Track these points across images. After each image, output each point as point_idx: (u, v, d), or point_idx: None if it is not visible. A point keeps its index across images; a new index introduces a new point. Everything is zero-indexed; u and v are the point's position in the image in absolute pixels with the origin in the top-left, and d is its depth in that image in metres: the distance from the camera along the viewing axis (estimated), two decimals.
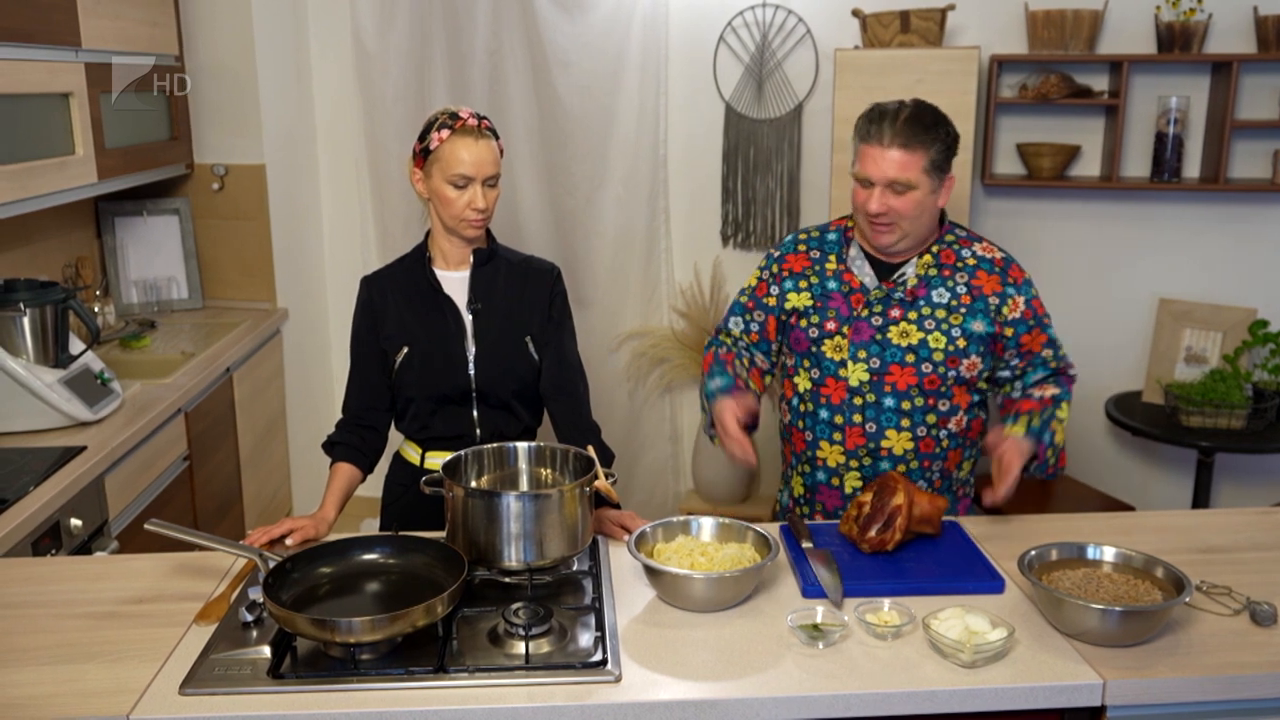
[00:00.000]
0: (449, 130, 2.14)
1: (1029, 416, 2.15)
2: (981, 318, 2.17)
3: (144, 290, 3.85)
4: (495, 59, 3.97)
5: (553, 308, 2.28)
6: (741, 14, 3.92)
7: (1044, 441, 2.12)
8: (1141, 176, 3.84)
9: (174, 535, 1.77)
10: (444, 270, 2.24)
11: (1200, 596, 1.79)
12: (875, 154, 2.09)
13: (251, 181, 3.85)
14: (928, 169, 2.10)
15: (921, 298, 2.18)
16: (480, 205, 2.15)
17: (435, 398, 2.21)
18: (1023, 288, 2.21)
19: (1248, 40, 3.72)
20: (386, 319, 2.23)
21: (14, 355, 2.62)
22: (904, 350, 2.16)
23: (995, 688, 1.55)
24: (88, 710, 1.48)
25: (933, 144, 2.10)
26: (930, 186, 2.11)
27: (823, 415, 2.22)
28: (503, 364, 2.22)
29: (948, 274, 2.19)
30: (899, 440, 2.19)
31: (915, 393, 2.17)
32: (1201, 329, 3.85)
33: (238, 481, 3.53)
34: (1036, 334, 2.21)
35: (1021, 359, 2.21)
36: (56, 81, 2.84)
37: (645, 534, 1.89)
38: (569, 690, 1.54)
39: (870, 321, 2.18)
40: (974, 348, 2.17)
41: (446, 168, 2.14)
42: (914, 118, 2.10)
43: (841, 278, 2.23)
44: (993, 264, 2.21)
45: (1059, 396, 2.19)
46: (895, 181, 2.08)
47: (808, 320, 2.24)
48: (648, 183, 4.06)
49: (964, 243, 2.24)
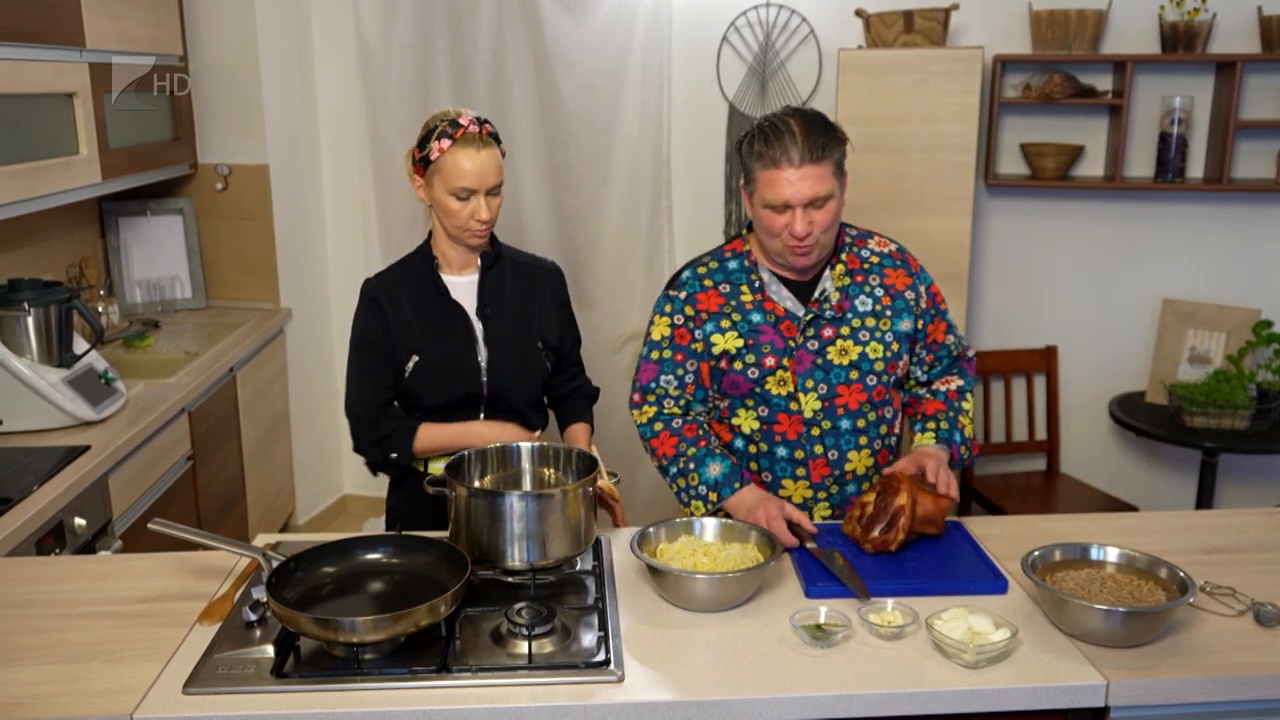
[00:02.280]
0: (449, 140, 2.09)
1: (935, 421, 2.17)
2: (906, 315, 2.14)
3: (148, 290, 3.86)
4: (498, 59, 3.97)
5: (563, 310, 2.29)
6: (745, 14, 3.92)
7: (955, 442, 2.14)
8: (1145, 177, 3.83)
9: (177, 535, 1.77)
10: (450, 275, 2.21)
11: (1204, 597, 1.79)
12: (787, 176, 1.96)
13: (255, 181, 3.85)
14: (835, 174, 2.01)
15: (848, 310, 2.11)
16: (484, 217, 2.11)
17: (445, 406, 2.18)
18: (922, 275, 2.19)
19: (1252, 40, 3.72)
20: (396, 324, 2.18)
21: (18, 355, 2.63)
22: (847, 368, 2.09)
23: (998, 688, 1.55)
24: (91, 709, 1.48)
25: (835, 149, 2.00)
26: (839, 191, 2.03)
27: (780, 453, 2.12)
28: (515, 370, 2.20)
29: (860, 279, 2.13)
30: (860, 460, 2.14)
31: (868, 408, 2.12)
32: (1205, 329, 3.85)
33: (241, 481, 3.53)
34: (938, 322, 2.20)
35: (928, 350, 2.20)
36: (61, 81, 2.85)
37: (648, 534, 1.89)
38: (572, 690, 1.54)
39: (807, 348, 2.09)
40: (904, 347, 2.15)
41: (448, 180, 2.09)
42: (810, 128, 1.98)
43: (763, 308, 2.10)
44: (892, 257, 2.17)
45: (962, 388, 2.21)
46: (816, 198, 1.98)
47: (742, 362, 2.09)
48: (651, 182, 4.06)
49: (859, 242, 2.18)
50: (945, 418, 2.17)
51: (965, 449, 2.17)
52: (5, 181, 2.56)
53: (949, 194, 3.62)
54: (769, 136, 1.99)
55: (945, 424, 2.16)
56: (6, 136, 2.60)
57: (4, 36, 2.56)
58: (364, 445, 2.21)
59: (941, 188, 3.62)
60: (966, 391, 2.22)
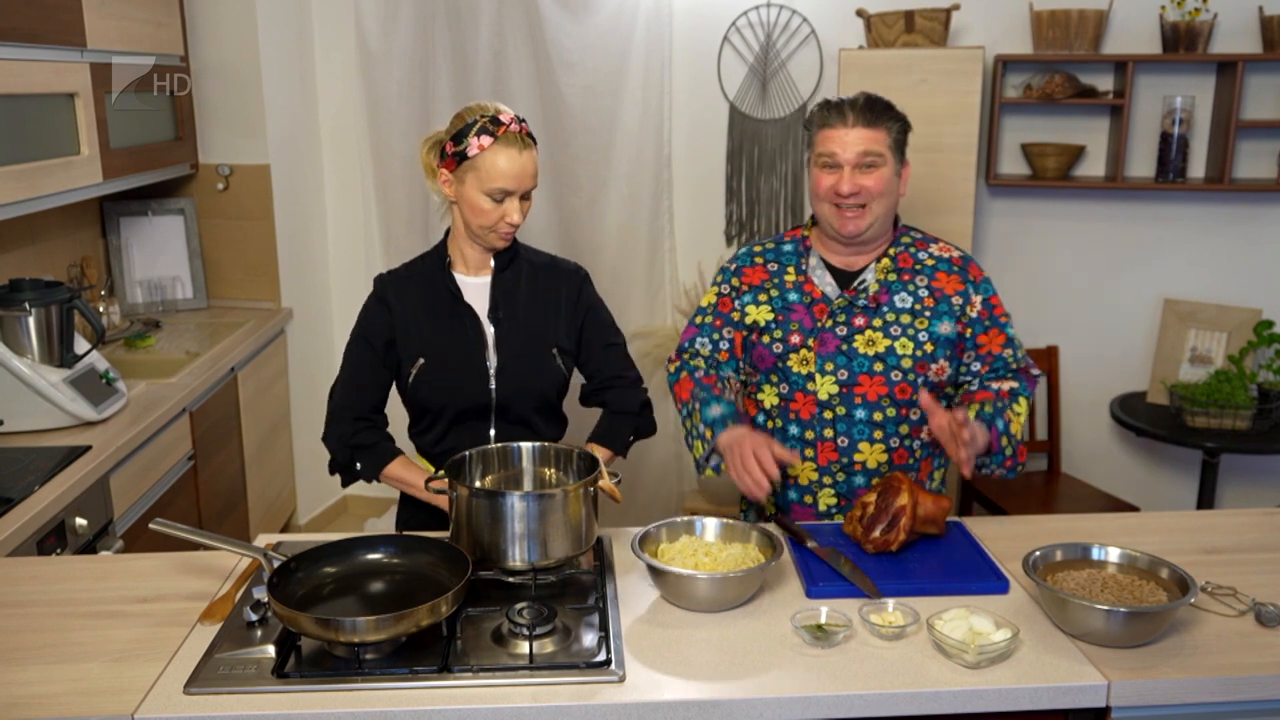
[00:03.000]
0: (490, 138, 2.00)
1: (980, 405, 2.10)
2: (947, 319, 2.13)
3: (149, 290, 3.86)
4: (499, 59, 3.97)
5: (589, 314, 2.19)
6: (746, 14, 3.92)
7: (997, 428, 2.06)
8: (1146, 177, 3.83)
9: (179, 534, 1.77)
10: (464, 275, 2.15)
11: (1205, 597, 1.79)
12: (839, 134, 2.09)
13: (256, 181, 3.85)
14: (891, 146, 2.11)
15: (885, 304, 2.13)
16: (515, 220, 2.04)
17: (453, 411, 2.12)
18: (981, 286, 2.17)
19: (1253, 40, 3.72)
20: (404, 325, 2.13)
21: (19, 355, 2.63)
22: (871, 359, 2.11)
23: (999, 688, 1.55)
24: (92, 709, 1.48)
25: (893, 122, 2.11)
26: (894, 166, 2.12)
27: (792, 431, 2.16)
28: (525, 378, 2.14)
29: (907, 278, 2.15)
30: (872, 453, 2.14)
31: (886, 403, 2.12)
32: (1206, 329, 3.84)
33: (242, 481, 3.53)
34: (994, 334, 2.17)
35: (981, 362, 2.17)
36: (62, 82, 2.85)
37: (649, 534, 1.89)
38: (573, 690, 1.54)
39: (835, 332, 2.12)
40: (941, 351, 2.13)
41: (485, 179, 2.01)
42: (871, 101, 2.12)
43: (802, 289, 2.17)
44: (951, 263, 2.18)
45: (1017, 391, 2.16)
46: (866, 153, 2.07)
47: (770, 335, 2.17)
48: (651, 182, 4.06)
49: (920, 245, 2.20)
50: (991, 404, 2.11)
51: (1008, 444, 2.08)
52: (6, 181, 2.56)
53: (950, 194, 3.62)
54: (830, 104, 2.14)
55: (990, 409, 2.09)
56: (8, 136, 2.61)
57: (5, 36, 2.56)
58: (333, 440, 2.14)
59: (942, 188, 3.62)
60: (1021, 395, 2.15)
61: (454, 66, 3.99)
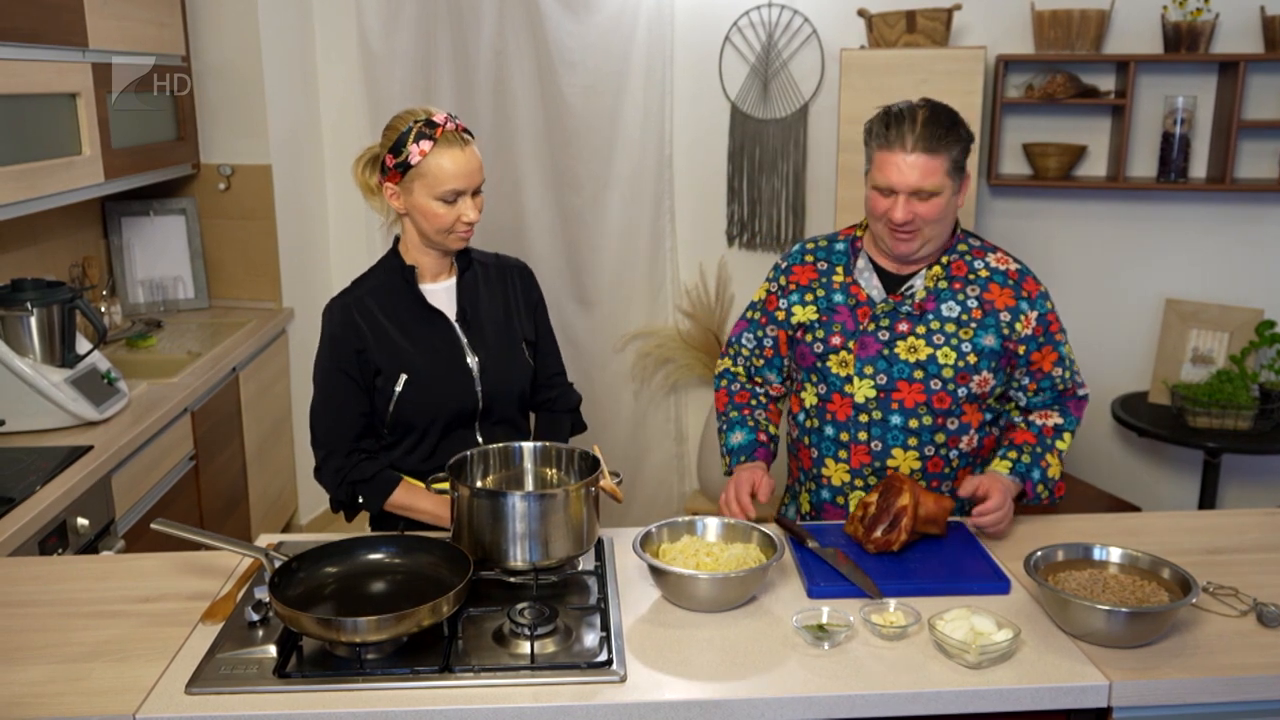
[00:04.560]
0: (430, 141, 1.97)
1: (1019, 452, 2.11)
2: (993, 332, 2.08)
3: (150, 290, 3.86)
4: (501, 59, 3.97)
5: (539, 309, 2.23)
6: (747, 14, 3.92)
7: (1031, 480, 2.08)
8: (1148, 177, 3.83)
9: (180, 534, 1.77)
10: (425, 284, 2.11)
11: (1207, 598, 1.79)
12: (897, 161, 1.98)
13: (257, 181, 3.86)
14: (950, 171, 2.00)
15: (930, 311, 2.09)
16: (472, 218, 2.02)
17: (441, 422, 2.10)
18: (1037, 302, 2.12)
19: (1255, 40, 3.72)
20: (379, 345, 2.06)
21: (21, 355, 2.63)
22: (912, 366, 2.07)
23: (1001, 689, 1.55)
24: (94, 709, 1.48)
25: (954, 145, 2.00)
26: (953, 189, 2.03)
27: (828, 432, 2.15)
28: (506, 374, 2.13)
29: (958, 286, 2.10)
30: (905, 459, 2.12)
31: (924, 411, 2.08)
32: (1208, 329, 3.84)
33: (244, 481, 3.53)
34: (1048, 352, 2.12)
35: (1031, 379, 2.14)
36: (63, 81, 2.85)
37: (650, 534, 1.89)
38: (574, 690, 1.54)
39: (877, 336, 2.10)
40: (985, 363, 2.08)
41: (434, 184, 1.99)
42: (932, 119, 2.00)
43: (848, 290, 2.15)
44: (1006, 276, 2.12)
45: (1061, 426, 2.14)
46: (920, 189, 1.98)
47: (813, 335, 2.15)
48: (653, 182, 4.06)
49: (977, 253, 2.14)
50: (1030, 451, 2.10)
51: (1045, 489, 2.09)
52: (8, 181, 2.56)
53: None
54: (890, 120, 2.02)
55: (1028, 457, 2.09)
56: (9, 136, 2.61)
57: (7, 36, 2.56)
58: (330, 477, 2.09)
59: None
60: (1065, 431, 2.14)
61: (455, 66, 3.99)
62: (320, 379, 2.11)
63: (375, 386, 2.09)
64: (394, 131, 2.02)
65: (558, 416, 2.30)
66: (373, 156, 2.09)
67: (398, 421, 2.10)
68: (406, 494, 2.10)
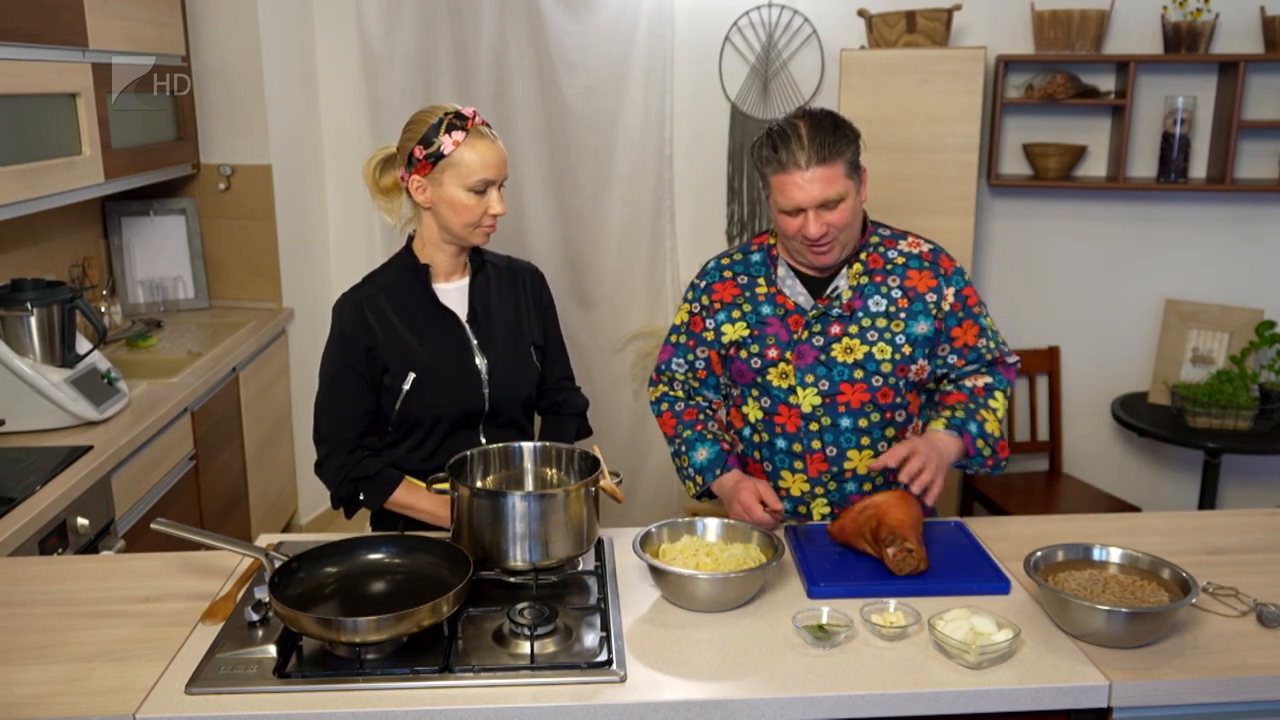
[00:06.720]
0: (462, 132, 1.99)
1: (951, 410, 2.09)
2: (923, 318, 2.09)
3: (150, 290, 3.86)
4: (501, 60, 3.97)
5: (549, 313, 2.23)
6: (747, 14, 3.92)
7: (969, 432, 2.05)
8: (1148, 177, 3.83)
9: (180, 534, 1.78)
10: (438, 283, 2.11)
11: (1207, 598, 1.79)
12: (795, 180, 1.97)
13: (257, 181, 3.86)
14: (848, 174, 1.99)
15: (859, 309, 2.09)
16: (499, 210, 2.03)
17: (446, 422, 2.09)
18: (953, 278, 2.12)
19: (1255, 40, 3.72)
20: (389, 343, 2.06)
21: (21, 355, 2.63)
22: (851, 367, 2.07)
23: (1001, 689, 1.55)
24: (94, 709, 1.48)
25: (846, 147, 1.99)
26: (855, 189, 2.02)
27: (780, 445, 2.13)
28: (513, 377, 2.13)
29: (879, 279, 2.10)
30: (861, 459, 2.12)
31: (870, 409, 2.09)
32: (1208, 330, 3.84)
33: (244, 481, 3.53)
34: (969, 326, 2.12)
35: (958, 355, 2.14)
36: (64, 81, 2.85)
37: (650, 534, 1.89)
38: (574, 690, 1.54)
39: (812, 343, 2.09)
40: (919, 351, 2.09)
41: (467, 173, 1.99)
42: (816, 128, 1.98)
43: (775, 301, 2.13)
44: (920, 259, 2.13)
45: (992, 385, 2.14)
46: (826, 200, 1.97)
47: (748, 351, 2.13)
48: (653, 183, 4.06)
49: (888, 243, 2.14)
50: (963, 407, 2.09)
51: (986, 444, 2.07)
52: (8, 181, 2.56)
53: (951, 194, 3.62)
54: (776, 141, 2.00)
55: (962, 412, 2.07)
56: (9, 136, 2.61)
57: (7, 36, 2.56)
58: (332, 474, 2.10)
59: (944, 188, 3.62)
60: (997, 390, 2.13)
61: (456, 67, 3.99)
62: (327, 374, 2.11)
63: (383, 384, 2.09)
64: (421, 125, 2.03)
65: (563, 420, 2.30)
66: (386, 156, 2.10)
67: (403, 420, 2.10)
68: (408, 493, 2.10)
